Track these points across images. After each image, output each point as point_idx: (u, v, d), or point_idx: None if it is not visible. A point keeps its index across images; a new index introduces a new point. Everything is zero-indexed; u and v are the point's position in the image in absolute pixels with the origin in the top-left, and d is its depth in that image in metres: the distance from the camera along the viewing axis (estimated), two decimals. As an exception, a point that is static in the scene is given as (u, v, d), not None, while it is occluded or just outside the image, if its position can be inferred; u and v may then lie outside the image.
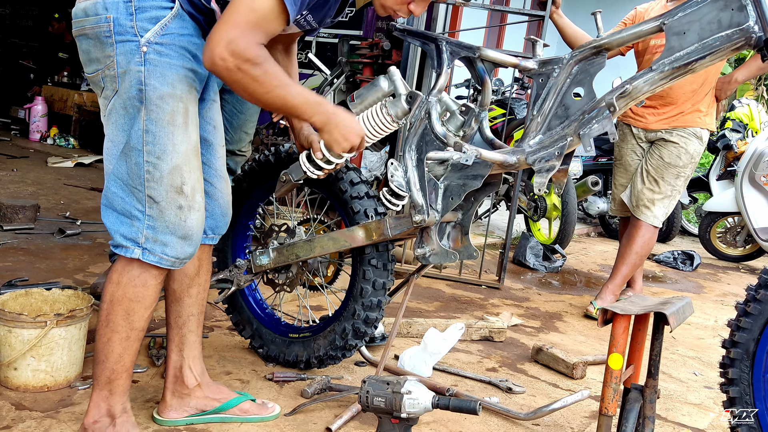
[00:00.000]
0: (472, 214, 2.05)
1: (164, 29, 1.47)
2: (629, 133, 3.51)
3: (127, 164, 1.49)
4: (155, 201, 1.49)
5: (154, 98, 1.46)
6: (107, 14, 1.44)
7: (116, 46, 1.45)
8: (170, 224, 1.50)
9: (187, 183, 1.51)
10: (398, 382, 1.49)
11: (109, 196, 1.51)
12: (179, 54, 1.49)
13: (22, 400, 1.84)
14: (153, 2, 1.46)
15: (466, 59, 1.96)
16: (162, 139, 1.48)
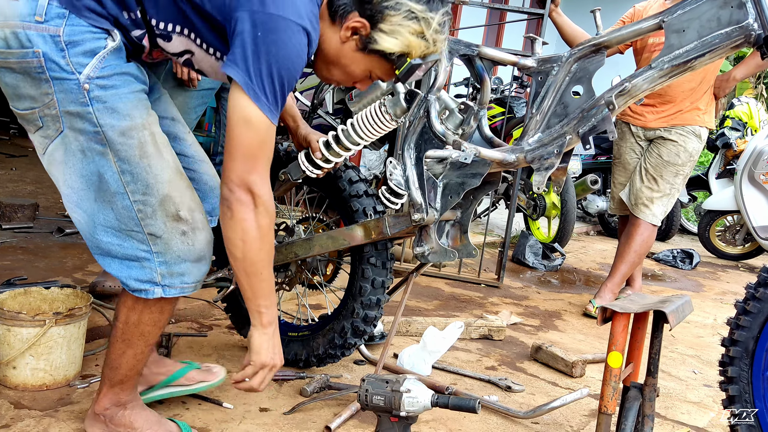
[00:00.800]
0: (471, 212, 2.05)
1: (103, 62, 1.36)
2: (628, 131, 3.50)
3: (114, 211, 1.42)
4: (157, 236, 1.44)
5: (116, 136, 1.38)
6: (34, 48, 1.32)
7: (53, 83, 1.34)
8: (181, 253, 1.46)
9: (182, 207, 1.46)
10: (397, 380, 1.49)
11: (103, 246, 1.45)
12: (124, 81, 1.40)
13: (21, 398, 1.84)
14: (84, 34, 1.34)
15: (465, 57, 1.96)
16: (141, 175, 1.41)
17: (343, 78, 1.53)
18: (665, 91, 3.29)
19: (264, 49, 1.31)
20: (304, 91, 5.33)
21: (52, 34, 1.32)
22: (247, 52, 1.31)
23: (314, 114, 4.90)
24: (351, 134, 1.94)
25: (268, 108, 1.35)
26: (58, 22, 1.32)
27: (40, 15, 1.31)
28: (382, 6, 1.40)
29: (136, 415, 1.64)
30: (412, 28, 1.41)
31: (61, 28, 1.32)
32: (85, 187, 1.42)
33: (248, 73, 1.32)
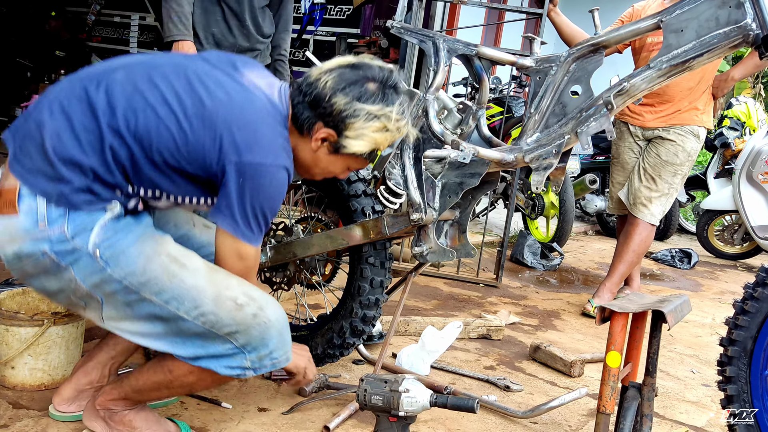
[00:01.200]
0: (469, 212, 2.05)
1: (104, 228, 1.42)
2: (626, 131, 3.50)
3: (184, 331, 1.48)
4: (234, 332, 1.48)
5: (139, 278, 1.44)
6: (42, 249, 1.38)
7: (71, 268, 1.41)
8: (262, 333, 1.49)
9: (237, 294, 1.49)
10: (396, 380, 1.49)
11: (190, 356, 1.50)
12: (126, 231, 1.45)
13: (20, 398, 1.83)
14: (85, 220, 1.40)
15: (463, 57, 1.96)
16: (182, 294, 1.46)
17: (325, 175, 1.64)
18: (663, 90, 3.29)
19: (248, 194, 1.43)
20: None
21: (58, 234, 1.39)
22: (232, 200, 1.43)
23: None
24: None
25: (255, 240, 1.48)
26: (61, 221, 1.38)
27: (42, 222, 1.38)
28: (343, 116, 1.49)
29: (135, 414, 1.64)
30: (375, 127, 1.51)
31: (65, 226, 1.39)
32: (151, 327, 1.49)
33: (234, 220, 1.44)
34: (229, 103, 1.43)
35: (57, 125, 1.38)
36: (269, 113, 1.48)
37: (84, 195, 1.40)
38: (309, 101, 1.50)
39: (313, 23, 6.48)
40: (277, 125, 1.49)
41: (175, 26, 2.60)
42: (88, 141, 1.38)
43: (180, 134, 1.40)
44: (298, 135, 1.54)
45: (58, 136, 1.37)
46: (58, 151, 1.37)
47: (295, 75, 5.08)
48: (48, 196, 1.37)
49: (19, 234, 1.38)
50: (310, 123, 1.51)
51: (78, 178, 1.38)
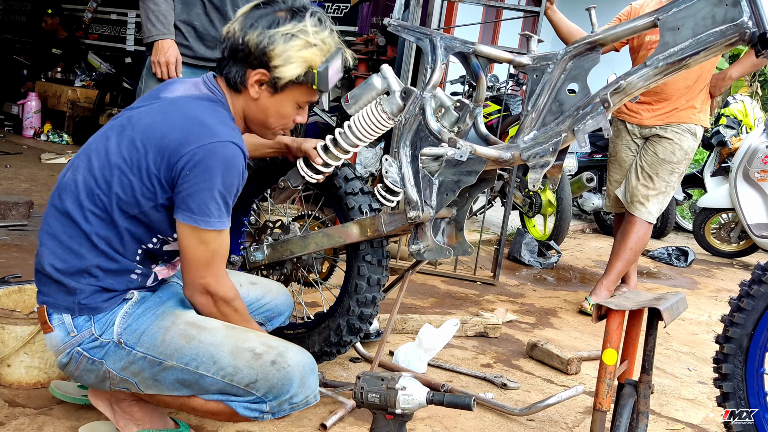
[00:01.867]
0: (466, 210, 2.05)
1: (124, 316, 1.51)
2: (624, 129, 3.50)
3: (209, 388, 1.49)
4: (254, 381, 1.47)
5: (159, 347, 1.49)
6: (76, 350, 1.50)
7: (103, 362, 1.50)
8: (282, 380, 1.47)
9: (255, 345, 1.50)
10: (393, 378, 1.49)
11: (215, 401, 1.51)
12: (147, 313, 1.53)
13: (16, 396, 1.83)
14: (109, 317, 1.50)
15: (460, 55, 1.96)
16: (200, 354, 1.48)
17: (283, 122, 1.62)
18: (661, 89, 3.29)
19: (196, 180, 1.42)
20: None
21: (88, 336, 1.50)
22: (182, 191, 1.43)
23: (311, 111, 4.89)
24: (349, 136, 1.94)
25: (215, 223, 1.46)
26: (88, 326, 1.50)
27: (72, 331, 1.50)
28: (262, 48, 1.49)
29: (141, 408, 1.64)
30: (297, 45, 1.50)
31: (92, 328, 1.50)
32: (180, 390, 1.51)
33: (188, 208, 1.44)
34: (153, 124, 1.47)
35: (49, 249, 1.49)
36: (194, 104, 1.50)
37: (100, 295, 1.50)
38: (228, 56, 1.52)
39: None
40: (206, 109, 1.49)
41: (153, 26, 2.56)
42: (79, 245, 1.48)
43: (136, 177, 1.45)
44: (238, 95, 1.56)
45: (54, 257, 1.48)
46: (61, 270, 1.48)
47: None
48: (71, 310, 1.49)
49: (60, 345, 1.51)
50: (240, 74, 1.52)
51: (87, 284, 1.48)
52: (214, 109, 1.51)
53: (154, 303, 1.57)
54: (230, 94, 1.57)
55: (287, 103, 1.57)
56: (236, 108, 1.58)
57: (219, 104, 1.54)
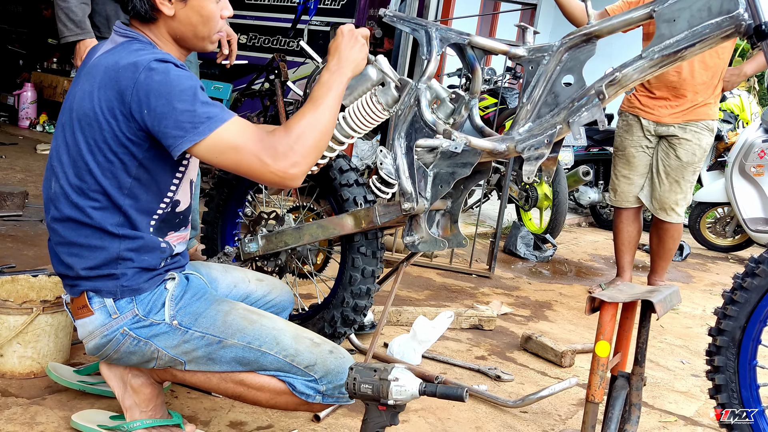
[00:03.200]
0: (461, 202, 2.05)
1: (174, 300, 1.53)
2: (637, 124, 3.46)
3: (267, 366, 1.52)
4: (313, 364, 1.52)
5: (221, 327, 1.51)
6: (120, 330, 1.50)
7: (151, 341, 1.50)
8: (338, 367, 1.53)
9: (312, 335, 1.58)
10: (385, 369, 1.48)
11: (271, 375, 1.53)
12: (198, 298, 1.56)
13: (8, 386, 1.83)
14: (153, 298, 1.52)
15: (456, 46, 1.95)
16: (263, 335, 1.52)
17: (212, 24, 1.53)
18: (680, 84, 3.28)
19: (161, 111, 1.37)
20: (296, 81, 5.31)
21: (131, 317, 1.50)
22: (162, 129, 1.38)
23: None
24: (344, 127, 1.93)
25: (218, 119, 1.38)
26: (130, 307, 1.50)
27: (115, 313, 1.50)
28: None
29: (152, 392, 1.64)
30: None
31: (135, 309, 1.50)
32: (235, 367, 1.52)
33: (183, 131, 1.36)
34: (85, 94, 1.44)
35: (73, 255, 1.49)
36: (109, 56, 1.45)
37: (141, 276, 1.51)
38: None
39: (308, 13, 6.45)
40: (120, 52, 1.44)
41: (64, 26, 2.40)
42: (99, 239, 1.47)
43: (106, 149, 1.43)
44: (156, 23, 1.51)
45: (83, 260, 1.49)
46: (95, 266, 1.48)
47: (289, 66, 5.05)
48: (113, 294, 1.49)
49: (97, 329, 1.51)
50: (144, 3, 1.47)
51: (126, 268, 1.49)
52: (126, 48, 1.45)
53: (203, 291, 1.59)
54: (148, 29, 1.51)
55: (205, 5, 1.50)
56: (161, 37, 1.52)
57: (131, 41, 1.48)
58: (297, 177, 1.43)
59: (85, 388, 1.80)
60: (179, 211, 1.60)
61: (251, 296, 1.82)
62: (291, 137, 1.42)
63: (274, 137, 1.42)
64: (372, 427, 1.50)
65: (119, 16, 2.47)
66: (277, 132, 1.43)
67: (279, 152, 1.39)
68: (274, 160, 1.39)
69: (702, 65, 3.25)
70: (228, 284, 1.78)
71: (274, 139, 1.41)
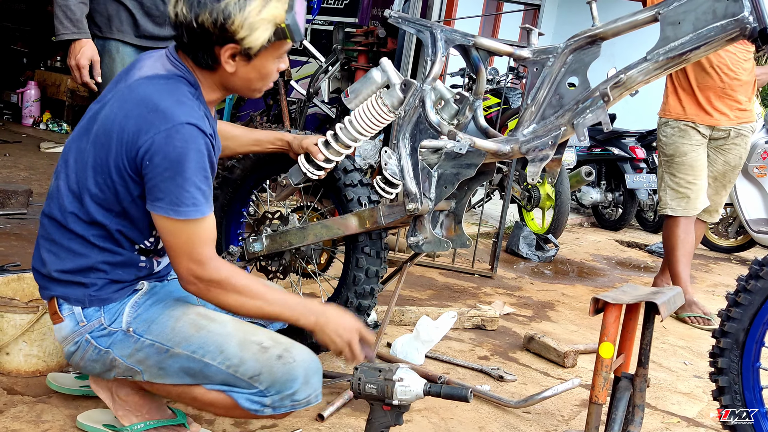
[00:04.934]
0: (465, 202, 2.05)
1: (134, 306, 1.52)
2: (692, 130, 3.36)
3: (212, 378, 1.48)
4: (258, 374, 1.45)
5: (169, 335, 1.49)
6: (84, 338, 1.50)
7: (110, 350, 1.50)
8: (286, 374, 1.45)
9: (262, 338, 1.49)
10: (390, 369, 1.49)
11: (218, 390, 1.50)
12: (157, 303, 1.53)
13: (14, 384, 1.84)
14: (118, 307, 1.51)
15: (460, 47, 1.95)
16: (209, 342, 1.47)
17: (268, 80, 1.54)
18: (729, 85, 3.25)
19: (159, 172, 1.38)
20: (299, 80, 5.32)
21: (97, 326, 1.50)
22: (149, 185, 1.40)
23: (310, 103, 4.88)
24: (350, 131, 1.94)
25: (191, 211, 1.40)
26: (97, 315, 1.50)
27: (82, 321, 1.50)
28: (221, 25, 1.39)
29: (142, 397, 1.65)
30: (254, 9, 1.40)
31: (102, 318, 1.51)
32: (183, 378, 1.50)
33: (160, 201, 1.39)
34: (112, 115, 1.43)
35: (52, 254, 1.50)
36: (150, 86, 1.43)
37: (110, 287, 1.51)
38: (188, 41, 1.43)
39: (311, 12, 6.46)
40: (163, 90, 1.42)
41: (61, 23, 2.31)
42: (80, 245, 1.48)
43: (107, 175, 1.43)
44: (213, 72, 1.48)
45: (59, 261, 1.49)
46: (69, 270, 1.49)
47: (292, 64, 5.06)
48: (81, 302, 1.50)
49: (68, 335, 1.52)
50: (209, 55, 1.44)
51: (97, 278, 1.49)
52: (171, 88, 1.44)
53: (165, 294, 1.57)
54: (201, 72, 1.49)
55: (266, 62, 1.49)
56: (212, 82, 1.51)
57: (179, 80, 1.46)
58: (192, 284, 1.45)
59: (88, 392, 1.79)
60: (162, 247, 1.59)
61: None
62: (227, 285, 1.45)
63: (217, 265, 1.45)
64: (377, 427, 1.51)
65: (120, 16, 2.44)
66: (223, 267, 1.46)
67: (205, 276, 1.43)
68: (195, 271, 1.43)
69: (741, 67, 3.24)
70: None
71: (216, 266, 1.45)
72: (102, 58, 2.44)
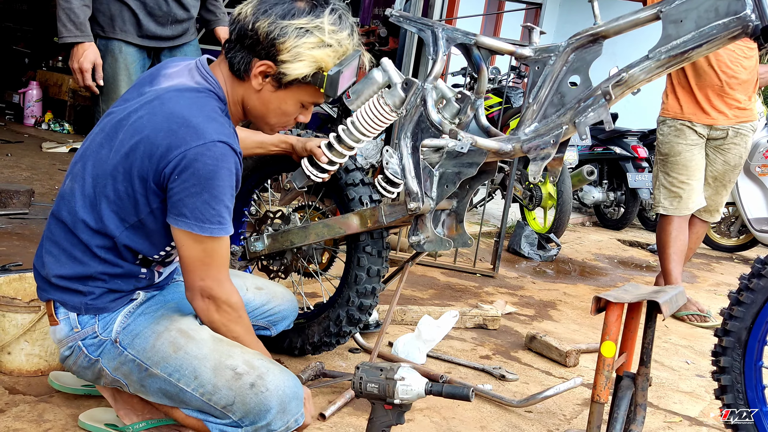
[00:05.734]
0: (466, 202, 2.05)
1: (126, 315, 1.51)
2: (688, 129, 3.35)
3: (188, 404, 1.46)
4: (230, 404, 1.42)
5: (149, 353, 1.47)
6: (77, 344, 1.50)
7: (100, 360, 1.50)
8: (259, 405, 1.40)
9: (237, 363, 1.44)
10: (391, 368, 1.49)
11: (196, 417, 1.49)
12: (146, 314, 1.52)
13: (16, 384, 1.84)
14: (113, 316, 1.50)
15: (462, 46, 1.95)
16: (184, 366, 1.44)
17: (284, 119, 1.53)
18: (728, 84, 3.24)
19: (186, 187, 1.36)
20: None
21: (90, 333, 1.49)
22: (174, 199, 1.38)
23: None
24: (353, 132, 1.93)
25: (215, 229, 1.40)
26: (92, 323, 1.49)
27: (76, 327, 1.49)
28: (271, 39, 1.38)
29: (141, 399, 1.63)
30: (310, 43, 1.39)
31: (96, 326, 1.49)
32: (163, 399, 1.50)
33: (184, 216, 1.38)
34: (140, 126, 1.40)
35: (53, 257, 1.49)
36: (180, 100, 1.40)
37: (108, 296, 1.50)
38: (235, 39, 1.42)
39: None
40: (194, 104, 1.40)
41: (64, 26, 2.31)
42: (82, 253, 1.46)
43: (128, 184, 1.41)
44: (240, 82, 1.46)
45: (59, 265, 1.48)
46: (67, 277, 1.47)
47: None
48: (77, 309, 1.49)
49: (63, 339, 1.51)
50: (245, 62, 1.42)
51: (95, 287, 1.48)
52: (202, 103, 1.41)
53: (156, 304, 1.56)
54: (231, 81, 1.47)
55: (291, 100, 1.47)
56: (236, 95, 1.49)
57: (209, 95, 1.44)
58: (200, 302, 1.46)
59: (90, 391, 1.80)
60: (172, 259, 1.60)
61: (248, 306, 1.74)
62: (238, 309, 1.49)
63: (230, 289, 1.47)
64: (378, 426, 1.50)
65: (123, 15, 2.44)
66: (235, 293, 1.48)
67: (221, 297, 1.45)
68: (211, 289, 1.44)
69: (741, 65, 3.23)
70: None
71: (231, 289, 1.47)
72: (104, 58, 2.44)
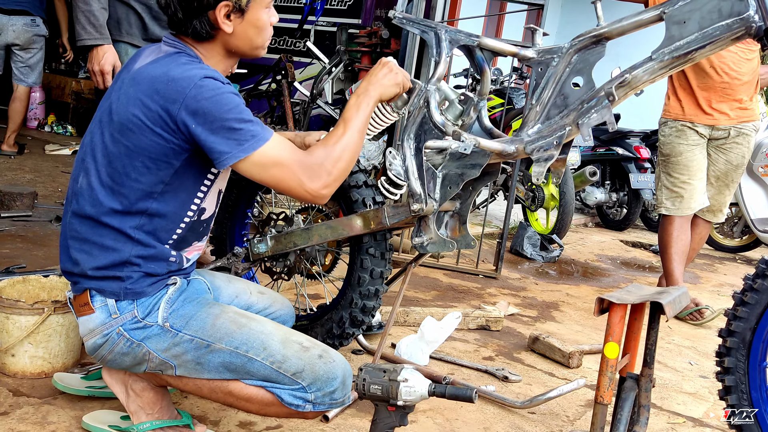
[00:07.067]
0: (470, 203, 2.05)
1: (169, 302, 1.54)
2: (689, 130, 3.33)
3: (256, 374, 1.51)
4: (301, 371, 1.50)
5: (209, 331, 1.52)
6: (116, 330, 1.52)
7: (143, 343, 1.52)
8: (327, 373, 1.51)
9: (302, 339, 1.56)
10: (395, 369, 1.49)
11: (258, 386, 1.52)
12: (192, 301, 1.57)
13: (20, 386, 1.84)
14: (152, 301, 1.53)
15: (465, 48, 1.95)
16: (251, 339, 1.51)
17: (266, 33, 1.59)
18: (729, 85, 3.23)
19: (207, 126, 1.42)
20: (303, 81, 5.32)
21: (130, 318, 1.52)
22: (208, 144, 1.44)
23: (314, 104, 4.88)
24: None
25: (261, 137, 1.45)
26: (130, 308, 1.52)
27: (115, 313, 1.52)
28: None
29: (156, 394, 1.65)
30: None
31: (135, 311, 1.52)
32: (223, 373, 1.52)
33: (229, 147, 1.43)
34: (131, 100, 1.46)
35: (84, 252, 1.52)
36: (157, 65, 1.47)
37: (145, 280, 1.53)
38: (184, 15, 1.49)
39: (314, 14, 6.46)
40: (169, 63, 1.47)
41: (83, 29, 2.34)
42: (114, 240, 1.50)
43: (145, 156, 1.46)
44: (214, 41, 1.54)
45: (93, 259, 1.51)
46: (104, 267, 1.50)
47: (296, 66, 5.07)
48: (116, 295, 1.51)
49: (97, 327, 1.53)
50: (205, 22, 1.50)
51: (132, 271, 1.51)
52: (174, 59, 1.49)
53: (196, 292, 1.62)
54: (201, 45, 1.54)
55: (259, 14, 1.54)
56: (213, 52, 1.55)
57: (181, 54, 1.51)
58: (327, 197, 1.53)
59: (94, 392, 1.81)
60: (204, 218, 1.62)
61: (252, 308, 1.81)
62: (329, 160, 1.51)
63: (312, 158, 1.51)
64: (381, 428, 1.50)
65: (129, 19, 2.46)
66: (315, 153, 1.52)
67: (315, 173, 1.50)
68: (310, 180, 1.49)
69: (742, 66, 3.23)
70: (230, 294, 1.79)
71: (312, 160, 1.50)
72: None
